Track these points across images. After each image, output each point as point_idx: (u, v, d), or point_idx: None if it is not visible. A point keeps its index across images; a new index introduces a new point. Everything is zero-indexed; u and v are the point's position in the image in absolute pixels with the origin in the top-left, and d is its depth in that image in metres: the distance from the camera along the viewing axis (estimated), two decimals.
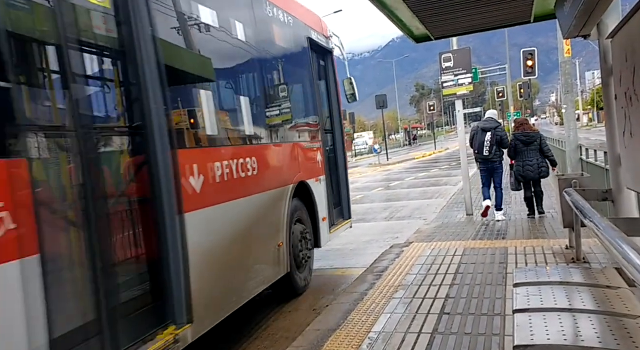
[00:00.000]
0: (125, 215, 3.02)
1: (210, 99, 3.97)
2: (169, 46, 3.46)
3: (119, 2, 2.99)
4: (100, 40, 2.96)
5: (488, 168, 8.12)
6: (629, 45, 2.61)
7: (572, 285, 2.64)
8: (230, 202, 3.94)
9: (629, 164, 3.12)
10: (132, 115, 3.14)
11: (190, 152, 3.57)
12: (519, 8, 5.46)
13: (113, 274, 2.72)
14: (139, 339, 2.84)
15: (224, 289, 3.82)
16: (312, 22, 6.32)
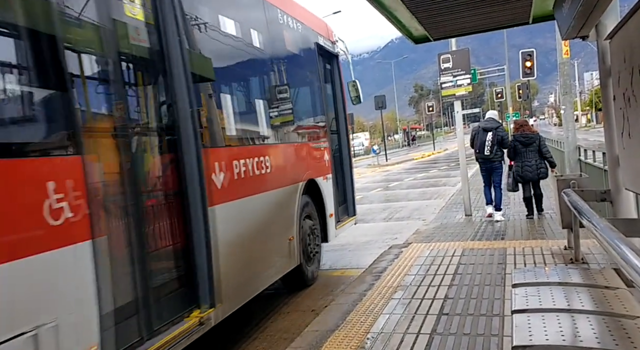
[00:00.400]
0: (161, 207, 3.33)
1: (231, 102, 4.34)
2: (197, 56, 3.81)
3: (157, 20, 3.33)
4: (142, 53, 3.32)
5: (488, 168, 8.16)
6: (628, 47, 2.62)
7: (570, 286, 2.64)
8: (249, 197, 4.24)
9: (627, 165, 3.12)
10: (166, 119, 3.47)
11: (215, 151, 3.84)
12: (517, 9, 5.47)
13: (150, 260, 3.02)
14: (169, 320, 3.11)
15: (243, 277, 4.08)
16: (319, 27, 6.62)
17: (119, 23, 3.05)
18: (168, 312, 3.14)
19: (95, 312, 2.50)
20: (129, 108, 3.10)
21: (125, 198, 2.89)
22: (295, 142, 5.54)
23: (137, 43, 3.25)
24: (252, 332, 4.51)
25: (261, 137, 4.89)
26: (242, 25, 4.59)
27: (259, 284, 4.41)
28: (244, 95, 4.82)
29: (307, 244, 5.58)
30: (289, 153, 5.32)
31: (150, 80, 3.45)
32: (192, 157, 3.42)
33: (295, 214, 5.20)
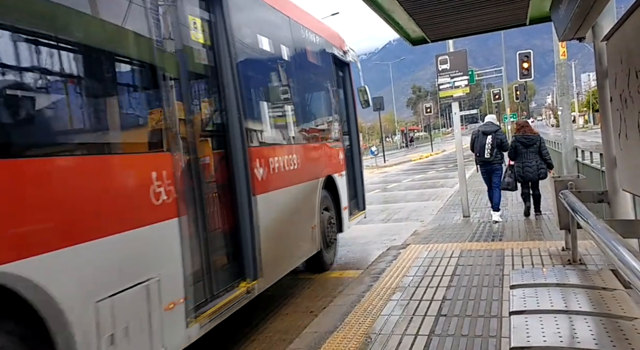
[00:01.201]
0: (219, 195, 4.02)
1: (267, 108, 5.04)
2: (243, 71, 4.38)
3: (212, 43, 4.06)
4: (203, 70, 4.03)
5: (488, 170, 8.23)
6: (624, 48, 2.62)
7: (568, 287, 2.65)
8: (281, 189, 4.93)
9: (624, 166, 3.13)
10: (220, 123, 4.15)
11: (257, 150, 4.50)
12: (515, 11, 5.49)
13: (212, 238, 3.75)
14: (224, 288, 3.86)
15: (278, 257, 4.76)
16: (334, 39, 7.31)
17: (187, 47, 3.77)
18: (223, 281, 3.89)
19: (181, 274, 3.23)
20: (196, 115, 3.84)
21: (195, 186, 3.59)
22: (316, 143, 6.24)
23: (199, 62, 3.98)
24: (251, 333, 4.50)
25: (290, 138, 5.51)
26: (274, 42, 5.28)
27: (289, 264, 5.14)
28: (276, 102, 5.42)
29: (326, 232, 6.25)
30: (311, 152, 6.02)
31: (209, 92, 4.14)
32: (240, 155, 4.17)
33: (316, 206, 5.90)
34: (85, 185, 2.58)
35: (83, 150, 2.73)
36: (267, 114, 5.02)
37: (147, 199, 2.97)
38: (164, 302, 3.02)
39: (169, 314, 3.07)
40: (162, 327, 2.99)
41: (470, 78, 11.24)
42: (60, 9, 2.60)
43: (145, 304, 2.88)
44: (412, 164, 29.87)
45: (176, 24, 3.60)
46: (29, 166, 2.32)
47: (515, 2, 5.08)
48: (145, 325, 2.86)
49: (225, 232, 4.07)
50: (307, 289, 5.71)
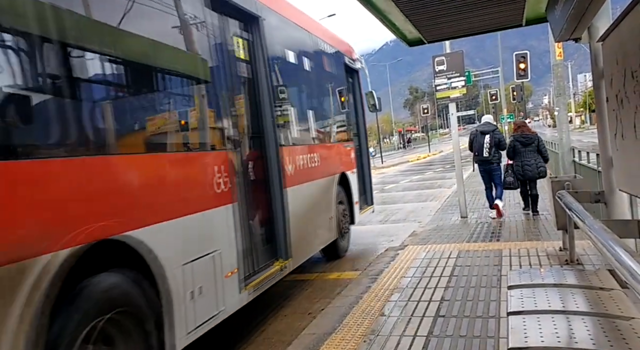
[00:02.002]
0: (258, 187, 4.72)
1: (294, 112, 5.73)
2: (275, 81, 5.14)
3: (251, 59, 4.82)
4: (244, 82, 4.73)
5: (487, 169, 8.42)
6: (620, 49, 2.64)
7: (565, 287, 2.65)
8: (306, 183, 5.66)
9: (621, 166, 3.14)
10: (257, 126, 4.84)
11: (287, 149, 5.23)
12: (511, 12, 5.50)
13: (255, 222, 4.57)
14: (264, 264, 4.62)
15: (303, 242, 5.46)
16: (345, 48, 7.99)
17: (234, 64, 4.53)
18: (263, 259, 4.65)
19: (235, 249, 3.97)
20: (240, 120, 4.55)
21: (242, 179, 4.34)
22: (332, 143, 7.02)
23: (242, 75, 4.70)
24: (249, 335, 4.50)
25: (312, 139, 6.31)
26: (298, 55, 6.03)
27: (312, 248, 5.90)
28: (300, 107, 6.09)
29: (341, 223, 6.94)
30: (329, 151, 6.75)
31: (249, 99, 4.79)
32: (274, 153, 4.89)
33: (333, 199, 6.63)
34: (177, 174, 3.43)
35: (179, 148, 3.62)
36: (294, 118, 5.75)
37: (213, 187, 3.75)
38: (224, 271, 3.79)
39: (227, 281, 3.84)
40: (223, 290, 3.75)
41: (467, 79, 11.26)
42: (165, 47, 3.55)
43: (212, 271, 3.64)
44: (410, 165, 29.90)
45: (227, 46, 4.40)
46: (152, 161, 3.25)
47: (511, 3, 5.09)
48: (212, 287, 3.61)
49: (263, 219, 4.81)
50: (305, 290, 5.71)
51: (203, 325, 3.45)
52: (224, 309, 3.74)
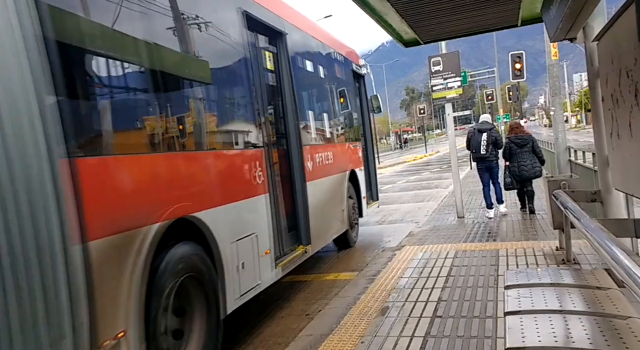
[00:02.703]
0: (284, 181, 5.43)
1: (312, 115, 6.55)
2: (298, 89, 5.79)
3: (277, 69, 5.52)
4: (271, 90, 5.41)
5: (486, 167, 8.57)
6: (615, 49, 2.64)
7: (562, 286, 2.65)
8: (322, 178, 6.36)
9: (616, 165, 3.15)
10: (282, 127, 5.56)
11: (308, 147, 5.94)
12: (506, 12, 5.51)
13: (282, 210, 5.21)
14: (289, 248, 5.30)
15: (320, 230, 6.12)
16: (352, 56, 8.71)
17: (266, 75, 5.24)
18: (289, 243, 5.32)
19: (268, 233, 4.67)
20: (269, 121, 5.18)
21: (272, 173, 4.97)
22: (344, 143, 7.72)
23: (271, 84, 5.43)
24: (246, 337, 4.48)
25: (327, 139, 7.07)
26: (315, 64, 6.79)
27: (327, 237, 6.57)
28: (317, 110, 6.84)
29: (351, 216, 7.57)
30: (341, 150, 7.47)
31: (276, 104, 5.52)
32: (297, 151, 5.59)
33: (345, 193, 7.30)
34: (227, 167, 4.21)
35: (231, 146, 4.33)
36: (312, 120, 6.50)
37: (253, 180, 4.47)
38: (261, 251, 4.49)
39: (263, 259, 4.52)
40: (260, 267, 4.45)
41: (463, 79, 11.28)
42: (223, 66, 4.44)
43: (252, 249, 4.33)
44: (406, 165, 29.92)
45: (260, 59, 5.09)
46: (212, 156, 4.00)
47: (507, 3, 5.10)
48: (252, 263, 4.30)
49: (288, 208, 5.43)
50: (302, 291, 5.70)
51: (246, 294, 4.17)
52: (260, 282, 4.45)
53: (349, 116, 8.17)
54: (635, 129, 2.39)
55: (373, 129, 10.28)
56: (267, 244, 4.62)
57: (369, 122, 9.26)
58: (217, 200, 3.84)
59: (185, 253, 3.37)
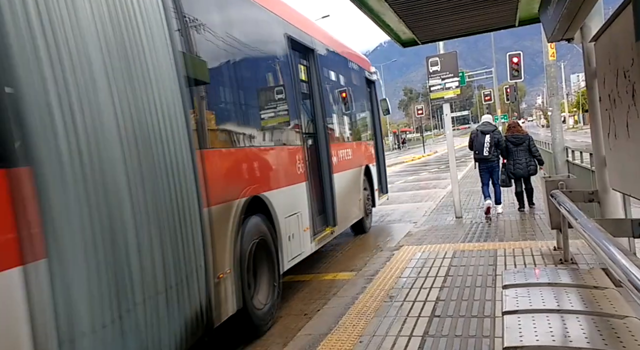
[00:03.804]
0: (315, 173, 6.45)
1: (337, 117, 7.69)
2: (325, 95, 6.97)
3: (309, 79, 6.64)
4: (305, 97, 6.48)
5: (487, 167, 8.78)
6: (612, 49, 2.65)
7: (560, 286, 2.66)
8: (344, 171, 7.45)
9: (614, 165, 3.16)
10: (313, 128, 6.62)
11: (334, 145, 7.08)
12: (504, 12, 5.52)
13: (315, 197, 6.22)
14: (320, 228, 6.35)
15: (343, 215, 7.12)
16: (364, 64, 9.90)
17: (301, 85, 6.32)
18: (320, 224, 6.41)
19: (307, 213, 5.82)
20: (304, 123, 6.23)
21: (309, 165, 6.09)
22: (360, 141, 8.85)
23: (305, 92, 6.51)
24: (245, 337, 4.48)
25: (347, 138, 8.16)
26: (337, 73, 7.90)
27: (348, 221, 7.70)
28: (339, 112, 7.88)
29: (366, 205, 8.69)
30: (358, 147, 8.61)
31: (308, 108, 6.56)
32: (324, 148, 6.68)
33: (361, 185, 8.42)
34: (282, 159, 5.38)
35: (284, 143, 5.51)
36: (336, 121, 7.63)
37: (298, 170, 5.74)
38: (303, 226, 5.67)
39: (304, 234, 5.71)
40: (302, 239, 5.64)
41: (461, 79, 11.29)
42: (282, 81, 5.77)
43: (297, 224, 5.51)
44: (405, 166, 29.93)
45: (298, 72, 6.23)
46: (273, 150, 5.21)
47: (504, 3, 5.11)
48: (297, 235, 5.48)
49: (319, 195, 6.50)
50: (301, 291, 5.71)
51: (294, 259, 5.39)
52: (303, 251, 5.67)
53: (363, 118, 9.35)
54: (633, 129, 2.40)
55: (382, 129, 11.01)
56: (307, 222, 5.80)
57: (379, 123, 10.40)
58: (276, 184, 5.05)
59: (258, 222, 4.55)
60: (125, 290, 2.62)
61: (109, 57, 2.73)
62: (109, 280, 2.51)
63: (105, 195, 2.56)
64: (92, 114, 2.54)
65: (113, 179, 2.63)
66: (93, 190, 2.48)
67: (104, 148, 2.58)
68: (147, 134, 2.97)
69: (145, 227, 2.82)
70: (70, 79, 2.46)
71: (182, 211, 3.18)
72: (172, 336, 2.99)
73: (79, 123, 2.45)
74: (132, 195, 2.75)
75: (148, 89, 3.03)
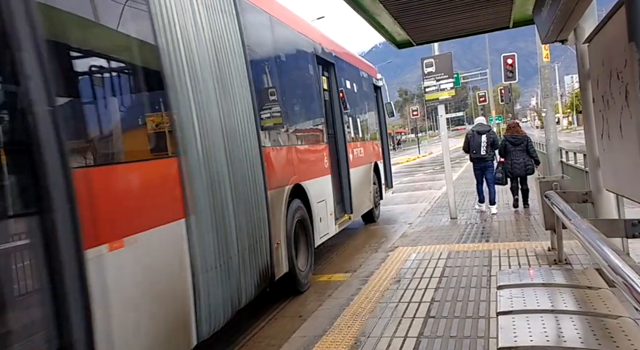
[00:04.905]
0: (335, 166, 7.55)
1: (352, 119, 8.84)
2: (342, 101, 7.99)
3: (329, 88, 7.74)
4: (326, 103, 7.48)
5: (482, 166, 9.03)
6: (605, 51, 2.67)
7: (554, 286, 2.67)
8: (358, 167, 8.59)
9: (607, 166, 3.17)
10: (332, 128, 7.69)
11: (349, 145, 8.16)
12: (498, 14, 5.55)
13: (336, 187, 7.27)
14: (340, 214, 7.44)
15: (358, 204, 8.29)
16: (372, 71, 11.17)
17: (323, 92, 7.38)
18: (339, 211, 7.50)
19: (332, 200, 6.98)
20: (328, 126, 7.43)
21: (332, 160, 7.25)
22: (370, 140, 10.09)
23: (326, 99, 7.51)
24: (239, 339, 4.47)
25: (359, 138, 9.35)
26: (352, 82, 9.02)
27: (361, 211, 8.71)
28: (353, 115, 9.03)
29: (375, 197, 9.83)
30: (368, 146, 9.80)
31: (328, 113, 7.59)
32: (343, 146, 7.82)
33: (371, 179, 9.57)
34: (315, 154, 6.61)
35: (314, 142, 6.75)
36: (351, 123, 8.75)
37: (324, 164, 6.89)
38: (328, 211, 6.80)
39: (329, 217, 6.84)
40: (328, 221, 6.78)
41: (456, 81, 11.35)
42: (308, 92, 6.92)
43: (325, 209, 6.63)
44: (400, 167, 29.94)
45: (321, 82, 7.28)
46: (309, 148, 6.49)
47: (499, 5, 5.13)
48: (325, 218, 6.63)
49: (339, 186, 7.61)
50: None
51: (323, 237, 6.58)
52: (329, 232, 6.79)
53: (372, 120, 10.63)
54: (626, 130, 2.41)
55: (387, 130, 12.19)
56: (331, 208, 6.93)
57: (384, 124, 11.64)
58: (310, 176, 6.24)
59: (298, 204, 5.72)
60: (228, 244, 3.82)
61: (217, 82, 3.99)
62: (220, 235, 3.70)
63: (218, 178, 3.77)
64: (210, 124, 3.77)
65: (221, 166, 3.86)
66: (211, 174, 3.67)
67: (216, 146, 3.81)
68: (236, 136, 4.20)
69: (237, 203, 4.04)
70: (198, 99, 3.63)
71: (255, 192, 4.46)
72: (251, 281, 4.25)
73: (203, 130, 3.65)
74: (230, 179, 3.97)
75: (235, 104, 4.26)
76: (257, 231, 4.39)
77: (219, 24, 4.17)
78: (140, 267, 2.88)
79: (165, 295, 3.09)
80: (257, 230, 4.39)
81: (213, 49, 3.98)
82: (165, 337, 3.05)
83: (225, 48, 4.19)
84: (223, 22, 4.25)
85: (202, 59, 3.75)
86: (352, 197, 7.81)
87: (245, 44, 4.56)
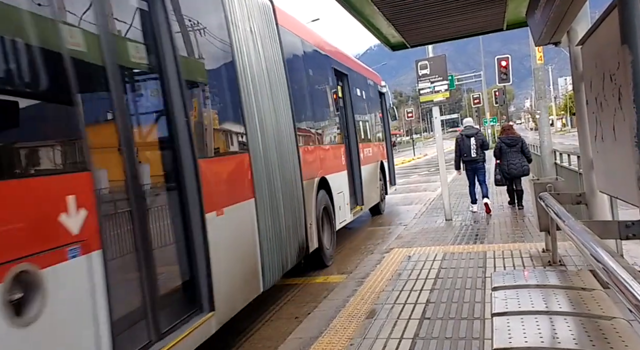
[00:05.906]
0: (349, 165, 8.51)
1: (362, 122, 9.88)
2: (354, 106, 9.17)
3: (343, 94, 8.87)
4: (340, 107, 8.58)
5: (473, 168, 9.23)
6: (598, 53, 2.68)
7: (548, 288, 2.68)
8: (368, 165, 9.62)
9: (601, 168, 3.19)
10: (345, 131, 8.76)
11: (361, 145, 9.24)
12: (492, 16, 5.57)
13: (351, 182, 8.67)
14: (354, 206, 8.62)
15: (368, 197, 9.37)
16: (377, 79, 12.40)
17: (335, 99, 8.21)
18: (353, 203, 8.56)
19: (348, 192, 8.24)
20: (343, 128, 8.61)
21: (346, 158, 8.40)
22: (376, 141, 11.20)
23: (340, 106, 8.50)
24: (235, 341, 4.46)
25: (368, 139, 10.36)
26: (361, 91, 10.20)
27: (370, 203, 9.71)
28: (364, 119, 10.21)
29: (381, 192, 10.94)
30: (375, 146, 10.91)
31: (342, 118, 8.59)
32: (355, 146, 8.91)
33: (378, 176, 10.66)
34: (334, 152, 7.81)
35: (335, 142, 8.06)
36: (361, 126, 9.79)
37: (342, 161, 8.02)
38: (345, 201, 7.89)
39: (346, 206, 7.90)
40: (345, 210, 7.83)
41: (450, 83, 11.39)
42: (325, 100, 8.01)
43: (342, 199, 7.72)
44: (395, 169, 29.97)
45: (335, 91, 8.25)
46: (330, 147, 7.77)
47: (492, 7, 5.16)
48: (343, 207, 7.67)
49: (352, 180, 8.63)
50: (292, 294, 5.69)
51: (342, 223, 7.61)
52: (346, 219, 7.85)
53: (378, 123, 11.71)
54: (619, 132, 2.43)
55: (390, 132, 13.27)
56: (347, 199, 8.00)
57: (388, 127, 12.83)
58: (332, 170, 7.32)
59: (323, 195, 6.78)
60: (279, 221, 5.01)
61: (269, 96, 5.22)
62: (273, 214, 4.87)
63: (271, 170, 4.95)
64: (265, 127, 4.96)
65: (273, 161, 5.02)
66: (267, 166, 4.84)
67: (269, 145, 4.99)
68: (281, 137, 5.39)
69: (283, 190, 5.20)
70: (260, 109, 4.87)
71: (295, 182, 5.65)
72: (293, 253, 5.39)
73: (262, 133, 4.85)
74: (279, 171, 5.14)
75: (280, 112, 5.46)
76: (296, 213, 5.59)
77: (268, 50, 5.39)
78: (233, 229, 4.11)
79: (245, 251, 4.31)
80: (297, 212, 5.60)
81: (266, 70, 5.23)
82: (246, 280, 4.28)
83: (274, 69, 5.48)
84: (271, 48, 5.49)
85: (260, 79, 5.00)
86: (363, 191, 8.95)
87: (286, 64, 5.87)
